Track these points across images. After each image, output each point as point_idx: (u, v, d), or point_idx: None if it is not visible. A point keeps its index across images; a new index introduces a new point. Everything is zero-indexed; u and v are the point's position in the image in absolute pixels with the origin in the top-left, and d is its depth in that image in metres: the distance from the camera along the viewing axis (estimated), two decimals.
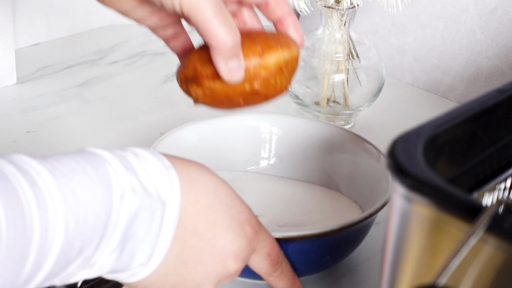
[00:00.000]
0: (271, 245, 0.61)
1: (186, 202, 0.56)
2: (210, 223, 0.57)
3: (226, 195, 0.58)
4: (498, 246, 0.42)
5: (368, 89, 0.96)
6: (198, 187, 0.57)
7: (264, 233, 0.61)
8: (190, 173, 0.57)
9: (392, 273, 0.48)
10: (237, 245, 0.58)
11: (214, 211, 0.57)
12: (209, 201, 0.57)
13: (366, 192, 0.76)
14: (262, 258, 0.61)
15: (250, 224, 0.59)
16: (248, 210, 0.59)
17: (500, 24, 1.02)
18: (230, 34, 0.62)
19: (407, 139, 0.49)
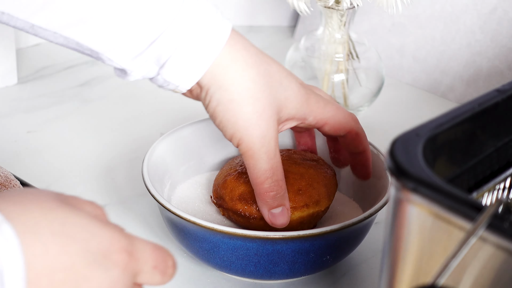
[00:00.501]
0: (153, 255, 0.51)
1: (32, 258, 0.46)
2: (67, 270, 0.47)
3: (79, 229, 0.48)
4: (497, 245, 0.43)
5: (368, 89, 0.96)
6: (42, 234, 0.47)
7: (140, 247, 0.51)
8: (29, 218, 0.47)
9: (391, 273, 0.48)
10: (108, 280, 0.49)
11: (68, 254, 0.47)
12: (60, 245, 0.47)
13: (366, 192, 0.76)
14: (150, 274, 0.51)
15: (118, 250, 0.49)
16: (111, 234, 0.49)
17: (500, 25, 1.02)
18: (274, 188, 0.66)
19: (407, 139, 0.49)
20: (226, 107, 0.64)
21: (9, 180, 0.71)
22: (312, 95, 0.69)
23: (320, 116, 0.69)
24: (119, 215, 0.81)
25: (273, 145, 0.65)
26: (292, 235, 0.66)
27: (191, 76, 0.64)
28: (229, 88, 0.64)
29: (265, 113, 0.65)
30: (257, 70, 0.65)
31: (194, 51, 0.64)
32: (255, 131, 0.65)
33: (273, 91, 0.66)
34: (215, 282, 0.72)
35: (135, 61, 0.65)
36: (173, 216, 0.69)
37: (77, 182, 0.86)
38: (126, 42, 0.64)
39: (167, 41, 0.63)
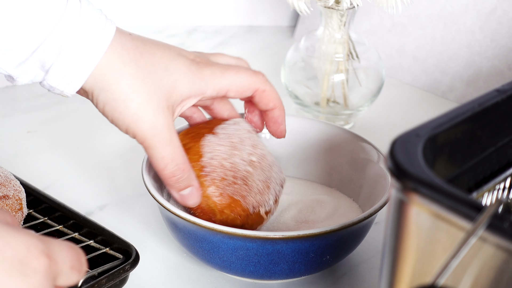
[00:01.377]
0: (69, 255, 0.51)
1: None
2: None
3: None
4: (497, 245, 0.43)
5: (368, 89, 0.96)
6: None
7: (57, 249, 0.51)
8: None
9: (391, 273, 0.48)
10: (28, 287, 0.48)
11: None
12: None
13: (366, 192, 0.77)
14: (68, 275, 0.51)
15: (36, 255, 0.49)
16: (27, 240, 0.49)
17: (500, 25, 1.02)
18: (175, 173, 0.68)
19: (407, 139, 0.49)
20: (112, 106, 0.67)
21: (9, 180, 0.71)
22: (206, 68, 0.70)
23: (218, 85, 0.71)
24: (119, 215, 0.81)
25: (165, 133, 0.67)
26: (292, 235, 0.66)
27: (74, 81, 0.66)
28: (110, 88, 0.66)
29: (150, 104, 0.67)
30: (136, 64, 0.67)
31: (76, 57, 0.65)
32: (143, 124, 0.67)
33: (157, 79, 0.68)
34: (215, 282, 0.72)
35: (19, 68, 0.66)
36: (173, 216, 0.69)
37: (77, 182, 0.86)
38: (8, 50, 0.65)
39: (50, 48, 0.65)
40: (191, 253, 0.71)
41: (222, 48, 1.18)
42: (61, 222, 0.75)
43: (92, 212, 0.81)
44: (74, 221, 0.74)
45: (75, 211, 0.75)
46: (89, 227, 0.73)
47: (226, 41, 1.20)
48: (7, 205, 0.69)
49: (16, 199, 0.70)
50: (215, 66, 0.71)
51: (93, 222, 0.73)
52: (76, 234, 0.74)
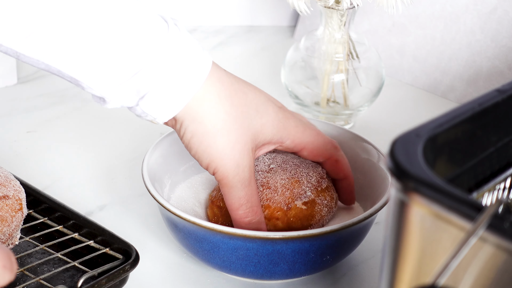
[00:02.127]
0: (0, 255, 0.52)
1: None
2: None
3: None
4: (497, 245, 0.43)
5: (368, 89, 0.96)
6: None
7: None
8: None
9: (391, 273, 0.48)
10: None
11: None
12: None
13: (366, 192, 0.76)
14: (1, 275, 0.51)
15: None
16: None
17: (500, 25, 1.02)
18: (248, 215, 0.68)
19: (407, 139, 0.49)
20: (200, 139, 0.66)
21: (9, 180, 0.71)
22: (291, 119, 0.71)
23: (298, 140, 0.71)
24: (119, 215, 0.81)
25: (247, 174, 0.68)
26: (292, 235, 0.66)
27: (169, 110, 0.66)
28: (203, 121, 0.66)
29: (239, 144, 0.67)
30: (231, 101, 0.67)
31: (174, 85, 0.65)
32: (229, 161, 0.67)
33: (248, 120, 0.68)
34: (215, 282, 0.72)
35: (115, 92, 0.66)
36: (173, 216, 0.69)
37: (77, 182, 0.86)
38: (107, 74, 0.64)
39: (149, 74, 0.64)
40: (191, 253, 0.71)
41: (222, 48, 1.18)
42: (61, 222, 0.75)
43: (92, 212, 0.81)
44: (74, 221, 0.74)
45: (75, 211, 0.75)
46: (89, 227, 0.73)
47: (226, 41, 1.20)
48: (7, 205, 0.69)
49: (16, 199, 0.70)
50: (299, 121, 0.71)
51: (93, 222, 0.73)
52: (76, 234, 0.74)
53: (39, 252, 0.73)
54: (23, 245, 0.73)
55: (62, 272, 0.70)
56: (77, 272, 0.70)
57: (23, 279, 0.69)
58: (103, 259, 0.71)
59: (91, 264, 0.70)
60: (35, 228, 0.75)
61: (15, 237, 0.70)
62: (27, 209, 0.75)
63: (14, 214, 0.69)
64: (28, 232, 0.75)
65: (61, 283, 0.69)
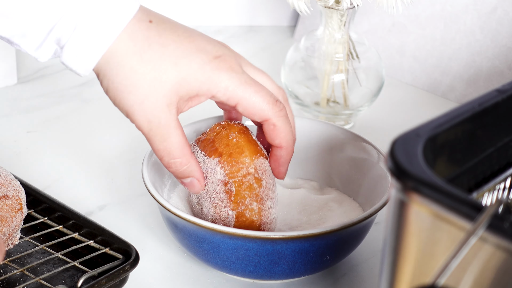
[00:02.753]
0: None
1: None
2: None
3: None
4: (497, 245, 0.43)
5: (368, 89, 0.96)
6: None
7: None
8: None
9: (391, 273, 0.48)
10: None
11: None
12: None
13: (366, 192, 0.77)
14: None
15: None
16: None
17: (500, 25, 1.02)
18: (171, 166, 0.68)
19: (407, 139, 0.49)
20: (114, 93, 0.67)
21: (9, 180, 0.71)
22: (224, 73, 0.67)
23: (230, 93, 0.67)
24: (119, 215, 0.81)
25: (162, 130, 0.67)
26: (292, 235, 0.66)
27: (84, 64, 0.66)
28: (111, 77, 0.66)
29: (148, 100, 0.66)
30: (140, 57, 0.66)
31: (89, 37, 0.65)
32: (139, 117, 0.67)
33: (160, 75, 0.66)
34: (215, 282, 0.72)
35: (39, 51, 0.66)
36: (173, 216, 0.69)
37: (77, 182, 0.86)
38: (28, 30, 0.65)
39: (65, 25, 0.65)
40: (191, 253, 0.71)
41: None
42: (61, 222, 0.75)
43: (92, 212, 0.81)
44: (74, 221, 0.74)
45: (75, 211, 0.75)
46: (89, 227, 0.73)
47: (226, 41, 1.20)
48: (7, 205, 0.69)
49: (16, 199, 0.70)
50: (236, 74, 0.68)
51: (93, 222, 0.73)
52: (76, 234, 0.74)
53: (39, 252, 0.73)
54: (23, 245, 0.73)
55: (62, 272, 0.70)
56: (77, 272, 0.70)
57: (23, 279, 0.69)
58: (103, 259, 0.71)
59: (91, 264, 0.70)
60: (35, 228, 0.75)
61: (15, 237, 0.70)
62: (27, 209, 0.75)
63: (14, 214, 0.69)
64: (28, 232, 0.75)
65: (61, 283, 0.69)
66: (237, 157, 0.69)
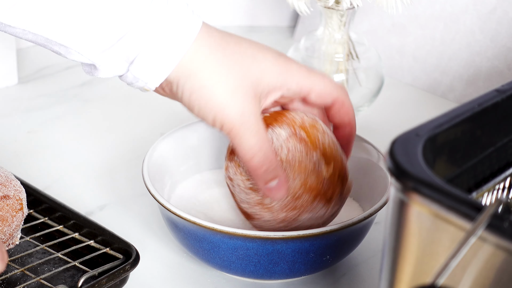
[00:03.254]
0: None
1: None
2: None
3: None
4: (497, 245, 0.43)
5: (368, 89, 0.96)
6: None
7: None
8: None
9: (391, 273, 0.48)
10: None
11: None
12: None
13: (366, 192, 0.77)
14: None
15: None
16: None
17: (499, 25, 1.02)
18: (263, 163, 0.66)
19: (407, 139, 0.49)
20: (199, 94, 0.65)
21: (9, 180, 0.71)
22: (293, 64, 0.69)
23: (303, 82, 0.69)
24: (119, 215, 0.81)
25: (253, 120, 0.66)
26: (292, 235, 0.66)
27: (160, 72, 0.65)
28: (197, 75, 0.65)
29: (238, 91, 0.66)
30: (223, 52, 0.66)
31: (163, 47, 0.64)
32: (232, 110, 0.65)
33: (245, 67, 0.66)
34: (215, 282, 0.73)
35: (104, 55, 0.65)
36: (173, 216, 0.69)
37: (77, 182, 0.86)
38: (95, 36, 0.64)
39: (136, 37, 0.64)
40: (191, 253, 0.72)
41: None
42: (61, 222, 0.75)
43: (92, 212, 0.81)
44: (74, 221, 0.74)
45: (75, 211, 0.75)
46: (89, 227, 0.73)
47: None
48: (7, 205, 0.69)
49: (16, 199, 0.70)
50: (301, 65, 0.70)
51: (93, 222, 0.73)
52: (76, 234, 0.74)
53: (40, 252, 0.73)
54: (24, 245, 0.73)
55: (62, 272, 0.70)
56: (78, 272, 0.70)
57: (23, 279, 0.69)
58: (103, 259, 0.71)
59: (92, 264, 0.70)
60: (36, 228, 0.75)
61: (15, 237, 0.70)
62: (28, 209, 0.75)
63: (15, 214, 0.69)
64: (28, 232, 0.75)
65: (62, 282, 0.69)
66: None
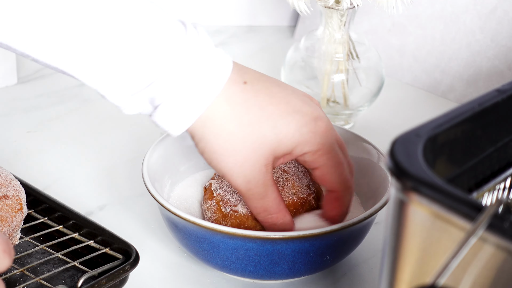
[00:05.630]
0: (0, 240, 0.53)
1: None
2: None
3: None
4: (497, 245, 0.43)
5: (368, 89, 0.96)
6: None
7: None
8: None
9: (391, 273, 0.48)
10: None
11: None
12: None
13: (366, 192, 0.76)
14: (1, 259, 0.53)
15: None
16: None
17: (500, 25, 1.02)
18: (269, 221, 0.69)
19: (407, 139, 0.49)
20: (210, 156, 0.67)
21: (9, 180, 0.71)
22: (319, 135, 0.68)
23: (318, 157, 0.68)
24: (119, 215, 0.81)
25: (260, 189, 0.67)
26: (292, 235, 0.66)
27: (179, 125, 0.66)
28: (209, 141, 0.66)
29: (247, 162, 0.67)
30: (239, 121, 0.66)
31: (185, 101, 0.65)
32: (238, 179, 0.67)
33: (260, 138, 0.66)
34: (215, 282, 0.72)
35: (129, 101, 0.66)
36: (173, 216, 0.69)
37: (77, 182, 0.86)
38: (121, 83, 0.65)
39: (162, 85, 0.64)
40: (191, 253, 0.71)
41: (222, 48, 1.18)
42: (61, 222, 0.75)
43: (92, 212, 0.81)
44: (74, 221, 0.74)
45: (75, 211, 0.75)
46: (89, 227, 0.73)
47: (226, 41, 1.20)
48: (7, 205, 0.69)
49: (16, 199, 0.70)
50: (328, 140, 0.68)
51: (93, 222, 0.73)
52: (76, 234, 0.74)
53: (39, 252, 0.73)
54: (23, 245, 0.73)
55: (62, 272, 0.70)
56: (77, 272, 0.70)
57: (23, 279, 0.69)
58: (103, 259, 0.71)
59: (91, 264, 0.70)
60: (35, 228, 0.75)
61: (15, 237, 0.70)
62: (27, 209, 0.75)
63: (14, 214, 0.69)
64: (28, 232, 0.75)
65: (61, 283, 0.69)
66: None
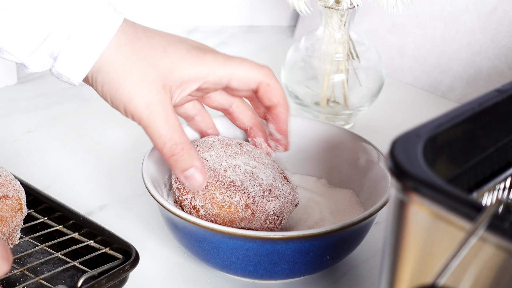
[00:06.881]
0: None
1: None
2: None
3: None
4: (497, 245, 0.43)
5: (368, 89, 0.96)
6: None
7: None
8: None
9: (391, 273, 0.48)
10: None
11: None
12: None
13: (366, 192, 0.77)
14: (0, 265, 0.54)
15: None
16: None
17: (500, 25, 1.02)
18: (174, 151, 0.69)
19: (407, 139, 0.49)
20: (109, 86, 0.69)
21: (8, 180, 0.71)
22: (208, 54, 0.71)
23: (220, 72, 0.71)
24: (119, 215, 0.81)
25: (161, 110, 0.68)
26: (292, 235, 0.66)
27: (81, 68, 0.69)
28: (106, 68, 0.69)
29: (144, 83, 0.68)
30: (132, 46, 0.69)
31: (83, 44, 0.68)
32: (138, 101, 0.68)
33: (153, 60, 0.69)
34: (215, 282, 0.72)
35: (31, 57, 0.69)
36: (173, 216, 0.69)
37: (76, 182, 0.86)
38: (21, 39, 0.68)
39: (58, 35, 0.68)
40: (191, 253, 0.71)
41: (222, 48, 1.18)
42: (61, 222, 0.75)
43: (92, 212, 0.81)
44: (74, 221, 0.74)
45: (75, 211, 0.75)
46: (89, 227, 0.73)
47: (226, 41, 1.20)
48: (7, 205, 0.69)
49: (16, 199, 0.70)
50: (218, 54, 0.72)
51: (93, 222, 0.73)
52: (76, 234, 0.74)
53: (39, 252, 0.73)
54: (23, 245, 0.73)
55: (62, 272, 0.70)
56: (77, 272, 0.70)
57: (23, 279, 0.69)
58: (103, 259, 0.71)
59: (91, 264, 0.70)
60: (35, 228, 0.75)
61: (15, 237, 0.70)
62: (27, 209, 0.75)
63: (14, 214, 0.69)
64: (28, 232, 0.75)
65: (61, 283, 0.69)
66: None
